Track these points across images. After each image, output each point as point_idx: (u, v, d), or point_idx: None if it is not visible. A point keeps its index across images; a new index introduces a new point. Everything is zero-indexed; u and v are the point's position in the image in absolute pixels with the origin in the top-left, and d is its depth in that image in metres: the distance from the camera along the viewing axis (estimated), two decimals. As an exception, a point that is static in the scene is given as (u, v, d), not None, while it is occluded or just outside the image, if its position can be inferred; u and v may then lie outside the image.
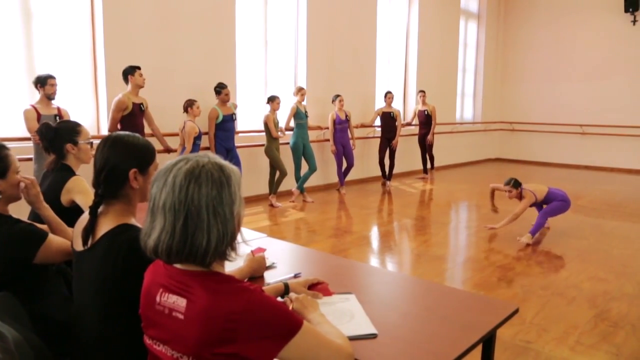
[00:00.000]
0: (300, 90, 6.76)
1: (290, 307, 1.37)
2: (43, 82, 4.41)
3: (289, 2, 7.35)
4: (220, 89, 5.74)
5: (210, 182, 1.04)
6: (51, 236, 1.72)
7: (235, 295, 1.03)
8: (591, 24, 10.73)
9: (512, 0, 12.02)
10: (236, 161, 5.88)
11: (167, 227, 1.03)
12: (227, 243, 1.05)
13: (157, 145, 5.37)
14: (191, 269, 1.08)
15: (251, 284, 1.08)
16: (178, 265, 1.10)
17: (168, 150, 5.46)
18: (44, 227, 2.06)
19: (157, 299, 1.11)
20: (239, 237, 1.11)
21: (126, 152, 1.47)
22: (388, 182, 8.21)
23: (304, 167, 6.89)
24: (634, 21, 10.16)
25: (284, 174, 6.42)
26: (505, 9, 12.16)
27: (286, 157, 6.67)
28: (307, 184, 7.05)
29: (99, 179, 1.44)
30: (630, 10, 10.05)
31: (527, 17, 11.74)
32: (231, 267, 1.83)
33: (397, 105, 9.15)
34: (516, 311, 1.56)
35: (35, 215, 2.29)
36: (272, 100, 6.30)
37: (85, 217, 1.47)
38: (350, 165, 7.54)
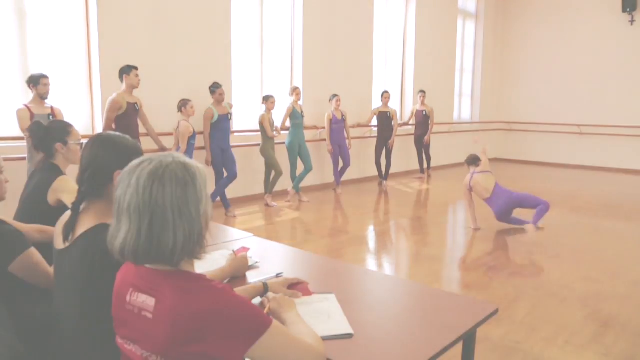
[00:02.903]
0: (295, 90, 6.76)
1: (267, 307, 1.37)
2: (36, 82, 4.40)
3: (285, 2, 7.35)
4: (214, 88, 5.73)
5: (175, 182, 1.03)
6: (34, 250, 1.69)
7: (203, 294, 1.03)
8: (589, 24, 10.71)
9: (510, 0, 12.01)
10: (231, 161, 5.88)
11: (133, 229, 1.02)
12: (194, 242, 1.05)
13: (152, 145, 5.37)
14: (160, 269, 1.08)
15: (219, 283, 1.08)
16: (148, 265, 1.09)
17: (163, 149, 5.45)
18: (33, 227, 2.06)
19: (127, 298, 1.11)
20: (208, 238, 1.10)
21: (114, 152, 1.47)
22: (384, 182, 8.20)
23: (300, 167, 6.89)
24: (632, 21, 10.15)
25: (279, 173, 6.41)
26: (503, 9, 12.15)
27: (282, 157, 6.67)
28: (302, 184, 7.05)
29: (84, 177, 1.45)
30: (628, 10, 10.03)
31: (525, 17, 11.73)
32: (213, 266, 1.84)
33: (394, 105, 9.14)
34: (495, 311, 1.55)
35: (22, 215, 2.29)
36: (266, 99, 6.30)
37: (66, 216, 1.47)
38: (346, 165, 7.54)
